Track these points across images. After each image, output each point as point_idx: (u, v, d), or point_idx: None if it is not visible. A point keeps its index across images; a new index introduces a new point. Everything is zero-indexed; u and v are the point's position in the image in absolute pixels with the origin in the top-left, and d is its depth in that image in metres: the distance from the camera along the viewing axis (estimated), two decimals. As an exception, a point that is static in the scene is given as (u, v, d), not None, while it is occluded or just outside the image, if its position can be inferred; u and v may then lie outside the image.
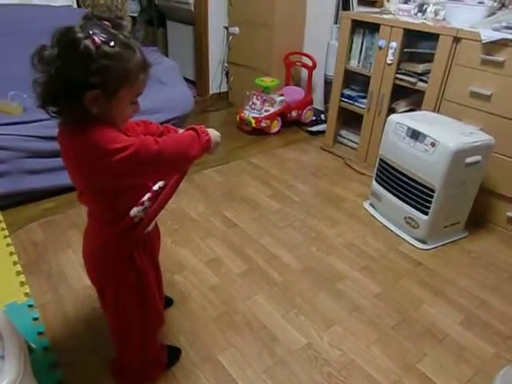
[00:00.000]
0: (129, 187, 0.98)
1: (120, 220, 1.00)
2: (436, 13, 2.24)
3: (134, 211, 1.00)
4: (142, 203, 1.01)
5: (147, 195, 1.02)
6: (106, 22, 0.84)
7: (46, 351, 1.37)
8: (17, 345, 1.00)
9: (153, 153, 0.87)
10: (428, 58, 2.24)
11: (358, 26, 2.57)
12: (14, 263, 1.76)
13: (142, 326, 1.18)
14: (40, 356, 1.34)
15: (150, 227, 1.09)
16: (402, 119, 2.01)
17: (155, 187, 1.03)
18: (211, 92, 4.01)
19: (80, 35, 0.79)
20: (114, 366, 1.31)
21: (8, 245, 1.87)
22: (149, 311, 1.17)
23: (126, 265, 1.06)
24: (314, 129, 3.31)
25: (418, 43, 2.33)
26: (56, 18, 0.85)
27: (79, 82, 0.81)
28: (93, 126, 0.85)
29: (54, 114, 0.88)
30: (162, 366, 1.32)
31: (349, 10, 3.01)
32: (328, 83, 3.14)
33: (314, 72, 3.32)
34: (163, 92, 2.64)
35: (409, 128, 1.95)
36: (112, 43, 0.81)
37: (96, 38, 0.79)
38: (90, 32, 0.79)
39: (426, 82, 2.27)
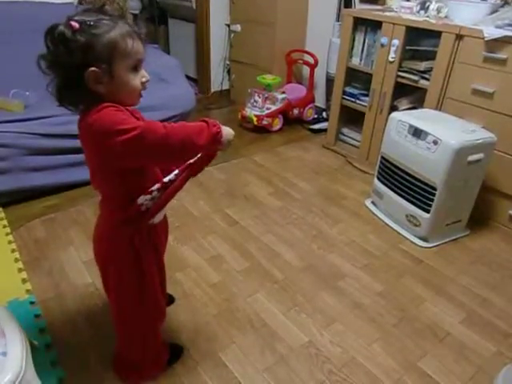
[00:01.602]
0: (137, 172, 1.00)
1: (127, 205, 1.01)
2: (438, 10, 2.23)
3: (142, 199, 1.01)
4: (151, 192, 1.02)
5: (156, 185, 1.03)
6: (94, 13, 0.89)
7: (47, 348, 1.38)
8: (19, 341, 1.00)
9: (159, 136, 0.88)
10: (430, 56, 2.24)
11: (360, 23, 2.56)
12: (16, 260, 1.77)
13: (141, 315, 1.18)
14: (42, 353, 1.34)
15: (157, 219, 1.10)
16: (404, 117, 2.01)
17: (165, 179, 1.04)
18: (213, 90, 4.00)
19: (58, 25, 0.84)
20: (115, 362, 1.32)
21: (10, 242, 1.88)
22: (148, 301, 1.17)
23: (128, 251, 1.07)
24: (316, 127, 3.31)
25: (420, 41, 2.32)
26: (57, 16, 0.87)
27: (72, 66, 0.85)
28: (104, 108, 0.87)
29: (71, 108, 0.93)
30: (163, 363, 1.32)
31: (351, 7, 3.00)
32: (330, 81, 3.13)
33: (315, 70, 3.31)
34: (165, 89, 2.64)
35: (411, 126, 1.94)
36: (89, 22, 0.84)
37: (72, 23, 0.83)
38: (68, 19, 0.84)
39: (428, 79, 2.26)
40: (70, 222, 2.05)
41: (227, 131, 1.00)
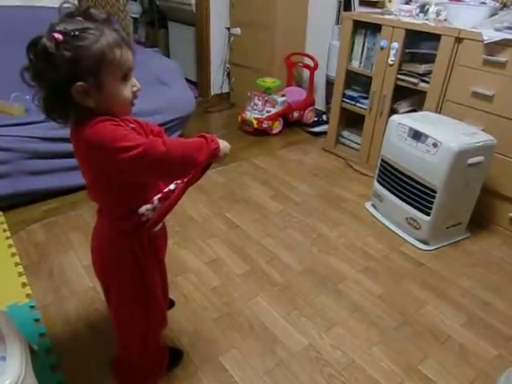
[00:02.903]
0: (136, 185, 0.99)
1: (128, 216, 1.00)
2: (438, 13, 2.23)
3: (143, 209, 1.00)
4: (152, 202, 1.02)
5: (157, 196, 1.03)
6: (79, 18, 0.83)
7: (47, 352, 1.38)
8: (18, 346, 1.00)
9: (160, 154, 0.86)
10: (430, 59, 2.24)
11: (360, 26, 2.56)
12: (16, 264, 1.76)
13: (143, 325, 1.18)
14: (41, 357, 1.34)
15: (157, 228, 1.10)
16: (404, 120, 2.01)
17: (166, 189, 1.04)
18: (213, 93, 4.01)
19: (40, 37, 0.80)
20: (115, 366, 1.31)
21: (10, 246, 1.87)
22: (151, 311, 1.17)
23: (130, 262, 1.06)
24: (316, 129, 3.31)
25: (419, 44, 2.33)
26: (56, 18, 0.85)
27: (57, 81, 0.81)
28: (100, 122, 0.85)
29: (59, 121, 0.90)
30: (163, 367, 1.32)
31: (350, 10, 3.01)
32: (330, 84, 3.13)
33: (315, 73, 3.31)
34: (164, 93, 2.64)
35: (410, 129, 1.94)
36: (73, 33, 0.80)
37: (55, 34, 0.79)
38: (50, 31, 0.80)
39: (427, 82, 2.27)
40: (71, 225, 2.05)
41: (224, 145, 1.02)
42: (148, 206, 1.01)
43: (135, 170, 0.89)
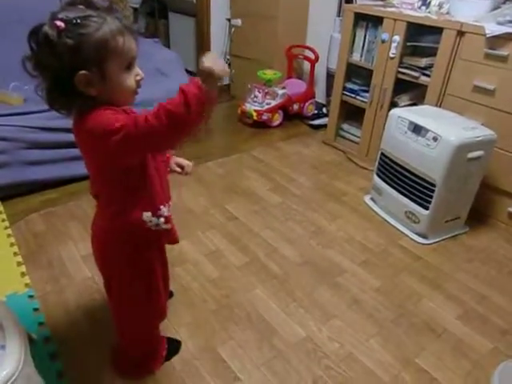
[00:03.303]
0: (139, 183, 0.98)
1: (129, 211, 1.00)
2: (440, 6, 2.22)
3: (146, 217, 1.01)
4: (158, 215, 1.02)
5: (164, 206, 1.03)
6: (81, 6, 0.82)
7: (46, 342, 1.38)
8: (18, 335, 1.00)
9: (144, 130, 0.80)
10: (431, 52, 2.23)
11: (361, 19, 2.55)
12: (15, 254, 1.77)
13: (143, 315, 1.18)
14: (40, 346, 1.34)
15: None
16: (404, 113, 2.00)
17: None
18: (213, 84, 3.98)
19: (42, 25, 0.78)
20: (114, 356, 1.32)
21: (8, 236, 1.88)
22: (152, 302, 1.17)
23: (133, 256, 1.07)
24: (316, 122, 3.30)
25: (421, 37, 2.31)
26: (57, 7, 0.84)
27: (60, 70, 0.80)
28: (96, 110, 0.84)
29: (62, 112, 0.89)
30: (161, 357, 1.33)
31: (352, 2, 2.98)
32: (330, 76, 3.12)
33: (316, 65, 3.30)
34: (164, 83, 2.62)
35: (411, 122, 1.94)
36: (75, 20, 0.78)
37: (57, 22, 0.77)
38: (52, 19, 0.78)
39: (428, 76, 2.26)
40: (69, 216, 2.05)
41: (213, 66, 0.82)
42: (153, 219, 1.01)
43: (129, 150, 0.86)
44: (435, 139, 1.82)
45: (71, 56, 0.79)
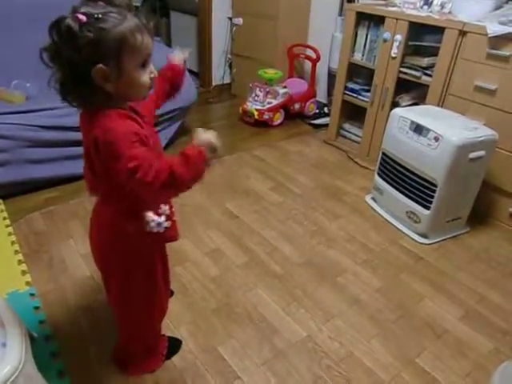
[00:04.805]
0: None
1: (130, 211, 1.00)
2: (442, 6, 2.21)
3: (149, 217, 1.00)
4: (160, 214, 1.02)
5: (167, 207, 1.05)
6: (101, 2, 0.83)
7: (47, 340, 1.38)
8: (19, 332, 1.01)
9: (151, 185, 0.85)
10: (433, 52, 2.23)
11: (363, 18, 2.54)
12: (16, 252, 1.77)
13: (144, 313, 1.18)
14: (41, 344, 1.35)
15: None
16: (406, 113, 2.00)
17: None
18: (214, 83, 3.98)
19: (64, 18, 0.80)
20: (115, 354, 1.32)
21: (10, 234, 1.88)
22: (153, 300, 1.17)
23: (133, 253, 1.06)
24: (317, 122, 3.30)
25: (423, 36, 2.31)
26: (61, 5, 0.84)
27: (78, 63, 0.81)
28: (108, 112, 0.86)
29: (74, 104, 0.90)
30: (161, 355, 1.33)
31: (353, 1, 2.98)
32: (332, 76, 3.12)
33: (317, 64, 3.29)
34: (166, 83, 2.62)
35: (412, 122, 1.94)
36: (97, 15, 0.80)
37: (79, 15, 0.79)
38: (74, 11, 0.80)
39: (430, 75, 2.25)
40: (70, 214, 2.05)
41: (204, 139, 0.94)
42: (155, 218, 1.01)
43: (130, 185, 0.88)
44: (436, 139, 1.82)
45: (91, 49, 0.80)
